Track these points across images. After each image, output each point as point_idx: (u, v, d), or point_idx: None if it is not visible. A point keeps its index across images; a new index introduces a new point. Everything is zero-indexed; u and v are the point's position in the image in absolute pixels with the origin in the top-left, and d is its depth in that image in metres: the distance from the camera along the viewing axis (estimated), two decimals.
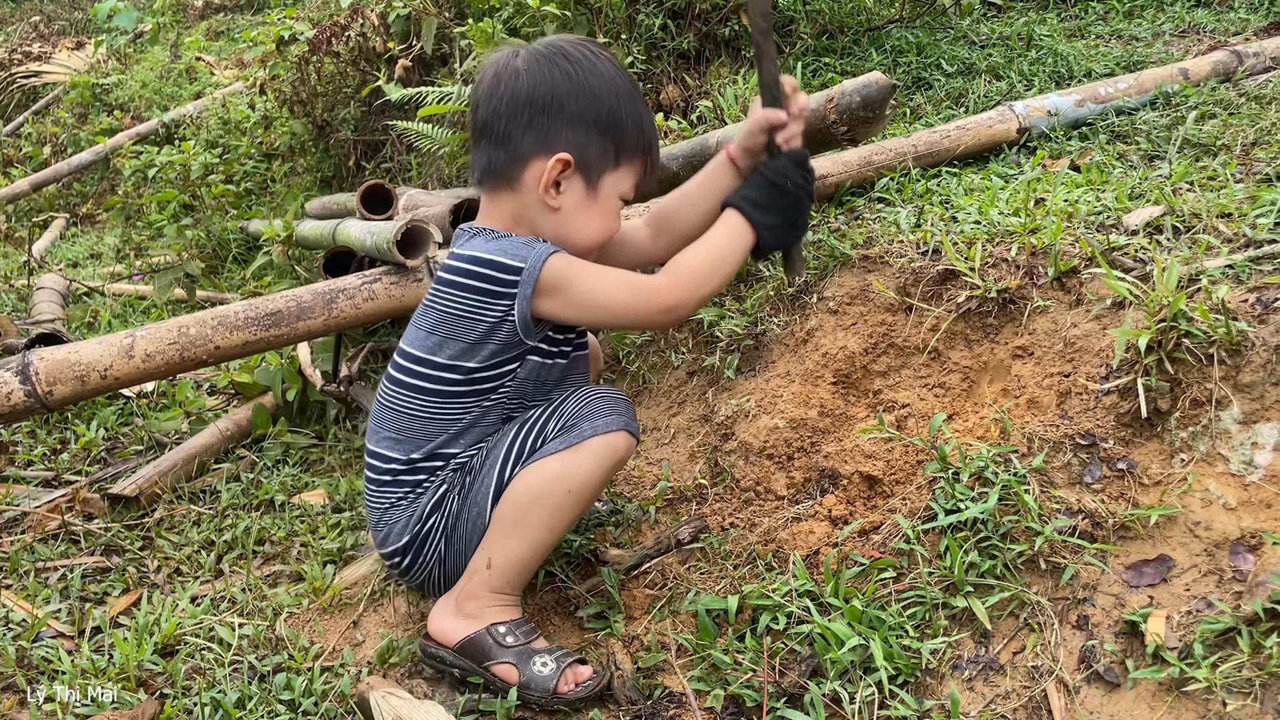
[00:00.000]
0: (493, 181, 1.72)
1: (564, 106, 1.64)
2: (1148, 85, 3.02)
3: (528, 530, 1.66)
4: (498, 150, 1.69)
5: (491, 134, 1.69)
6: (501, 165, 1.69)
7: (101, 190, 7.60)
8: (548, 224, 1.70)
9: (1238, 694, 1.27)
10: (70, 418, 3.14)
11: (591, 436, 1.63)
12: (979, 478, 1.64)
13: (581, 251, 1.73)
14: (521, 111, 1.65)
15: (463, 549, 1.72)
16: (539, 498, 1.64)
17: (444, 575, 1.77)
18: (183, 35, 9.38)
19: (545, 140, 1.65)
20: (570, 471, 1.63)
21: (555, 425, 1.66)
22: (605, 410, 1.66)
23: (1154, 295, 1.61)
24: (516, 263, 1.60)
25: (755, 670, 1.56)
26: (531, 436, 1.67)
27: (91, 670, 1.77)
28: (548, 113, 1.64)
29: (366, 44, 4.60)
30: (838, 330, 2.22)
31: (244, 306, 2.27)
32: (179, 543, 2.31)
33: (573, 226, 1.71)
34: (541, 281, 1.60)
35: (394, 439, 1.75)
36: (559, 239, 1.70)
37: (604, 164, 1.69)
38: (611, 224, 1.76)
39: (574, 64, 1.66)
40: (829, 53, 3.82)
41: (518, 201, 1.71)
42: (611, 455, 1.66)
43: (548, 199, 1.68)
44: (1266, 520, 1.42)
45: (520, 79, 1.66)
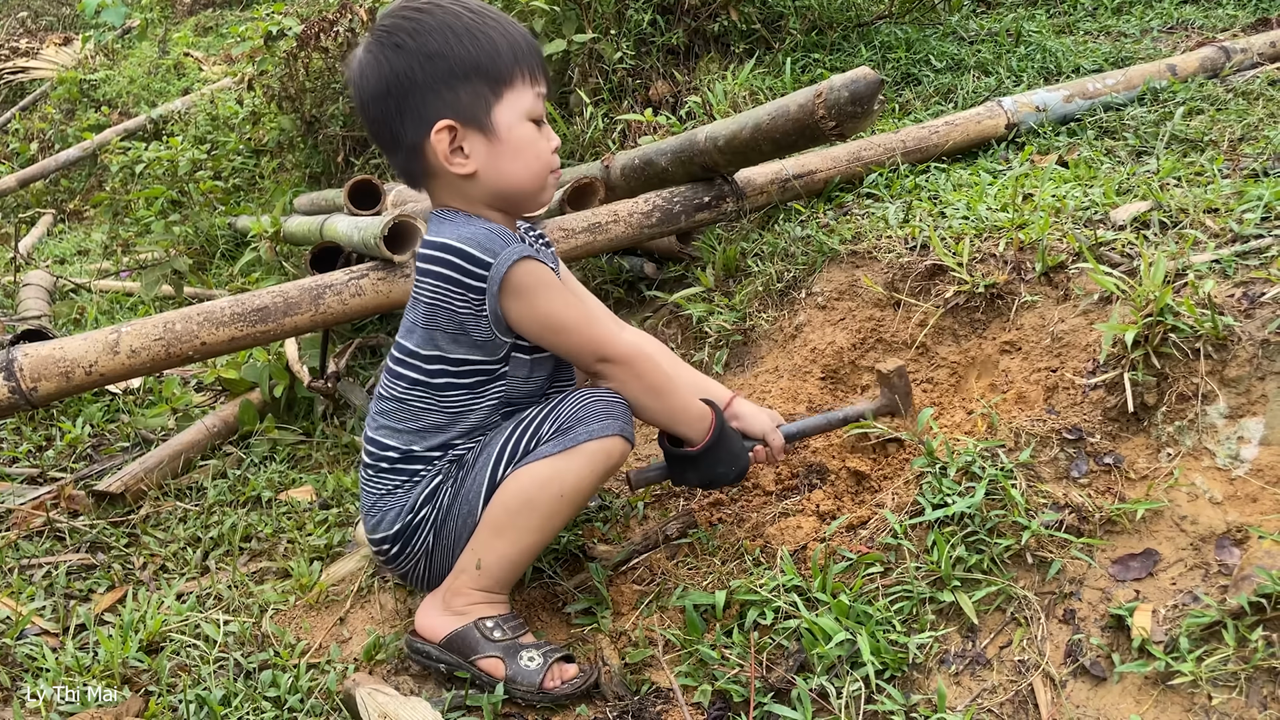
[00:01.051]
0: (419, 180, 1.70)
1: (414, 80, 1.58)
2: (1136, 81, 3.02)
3: (518, 533, 1.65)
4: (396, 152, 1.66)
5: (384, 140, 1.66)
6: (407, 163, 1.67)
7: (89, 186, 7.57)
8: (480, 187, 1.65)
9: (1223, 687, 1.27)
10: (56, 414, 3.12)
11: (586, 441, 1.62)
12: (966, 472, 1.64)
13: (530, 193, 1.69)
14: (386, 106, 1.61)
15: (450, 544, 1.71)
16: (530, 500, 1.63)
17: (429, 568, 1.76)
18: (171, 31, 9.34)
19: (420, 120, 1.60)
20: (563, 475, 1.62)
21: (550, 427, 1.65)
22: (601, 414, 1.64)
23: (1141, 290, 1.62)
24: (486, 258, 1.58)
25: (742, 665, 1.56)
26: (526, 436, 1.66)
27: (76, 668, 1.76)
28: (405, 94, 1.59)
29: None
30: (826, 325, 2.22)
31: (230, 302, 2.25)
32: (165, 540, 2.30)
33: (502, 176, 1.64)
34: (507, 284, 1.58)
35: (392, 428, 1.73)
36: (500, 195, 1.66)
37: (485, 104, 1.61)
38: (534, 150, 1.65)
39: (404, 34, 1.59)
40: (818, 49, 3.82)
41: (446, 183, 1.67)
42: (605, 460, 1.64)
43: (457, 169, 1.62)
44: (1252, 514, 1.42)
45: (368, 77, 1.62)
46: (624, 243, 2.63)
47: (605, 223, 2.57)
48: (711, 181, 2.66)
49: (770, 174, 2.66)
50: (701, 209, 2.64)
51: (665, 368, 1.74)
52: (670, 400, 1.71)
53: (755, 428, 1.85)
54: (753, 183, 2.66)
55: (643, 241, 2.70)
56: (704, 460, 1.74)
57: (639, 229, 2.61)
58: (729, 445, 1.76)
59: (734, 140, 2.44)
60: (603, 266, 3.05)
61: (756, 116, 2.38)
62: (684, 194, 2.65)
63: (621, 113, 3.57)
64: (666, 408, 1.72)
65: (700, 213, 2.64)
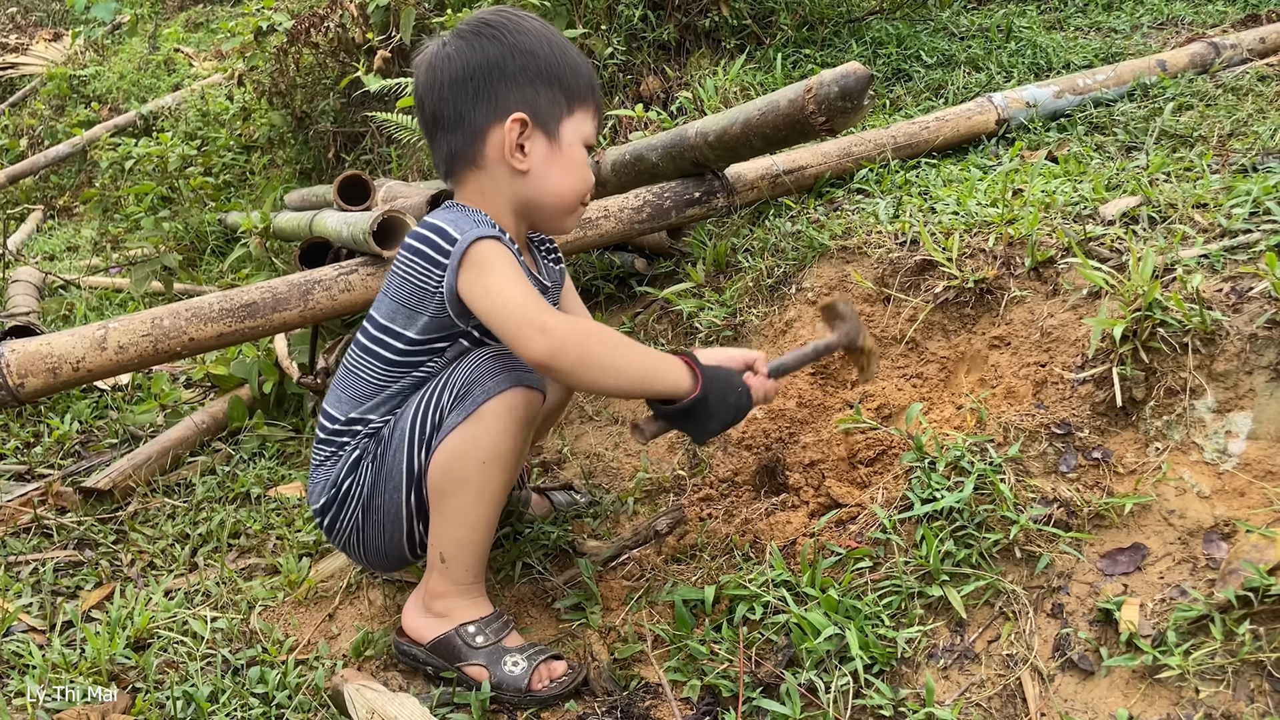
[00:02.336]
0: (459, 167, 1.70)
1: (503, 70, 1.63)
2: (1126, 77, 3.03)
3: (461, 512, 1.63)
4: (454, 134, 1.67)
5: (444, 121, 1.67)
6: (462, 147, 1.67)
7: (79, 183, 7.53)
8: (522, 189, 1.68)
9: (1210, 681, 1.28)
10: (44, 411, 3.11)
11: (485, 401, 1.57)
12: (955, 467, 1.64)
13: (563, 211, 1.72)
14: (464, 89, 1.64)
15: (380, 520, 1.70)
16: (456, 478, 1.60)
17: (363, 546, 1.75)
18: (161, 27, 9.30)
19: (496, 107, 1.63)
20: (476, 442, 1.58)
21: (449, 397, 1.61)
22: (495, 369, 1.59)
23: (1130, 285, 1.62)
24: (456, 233, 1.57)
25: (731, 660, 1.56)
26: (431, 412, 1.63)
27: (63, 664, 1.75)
28: (489, 80, 1.63)
29: (345, 35, 4.56)
30: (816, 321, 2.22)
31: (218, 298, 2.24)
32: (153, 536, 2.29)
33: (548, 185, 1.68)
34: (468, 256, 1.55)
35: (339, 396, 1.74)
36: (534, 204, 1.69)
37: (558, 112, 1.67)
38: (582, 173, 1.72)
39: (499, 29, 1.65)
40: (809, 44, 3.81)
41: (486, 177, 1.68)
42: (513, 415, 1.59)
43: (515, 163, 1.65)
44: (1240, 508, 1.42)
45: (453, 60, 1.65)
46: (614, 238, 2.62)
47: (596, 218, 2.56)
48: (702, 177, 2.65)
49: (761, 169, 2.66)
50: (692, 204, 2.64)
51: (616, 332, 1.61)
52: (637, 357, 1.56)
53: (734, 360, 1.70)
54: (743, 178, 2.65)
55: (633, 237, 2.70)
56: (709, 402, 1.58)
57: (629, 224, 2.60)
58: (719, 376, 1.61)
59: (724, 136, 2.43)
60: (593, 262, 3.05)
61: (747, 112, 2.38)
62: (675, 189, 2.64)
63: (612, 108, 3.56)
64: (640, 363, 1.55)
65: (691, 208, 2.64)
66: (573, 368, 1.49)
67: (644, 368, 1.56)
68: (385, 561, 1.78)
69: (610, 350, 1.53)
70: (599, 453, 2.40)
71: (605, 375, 1.53)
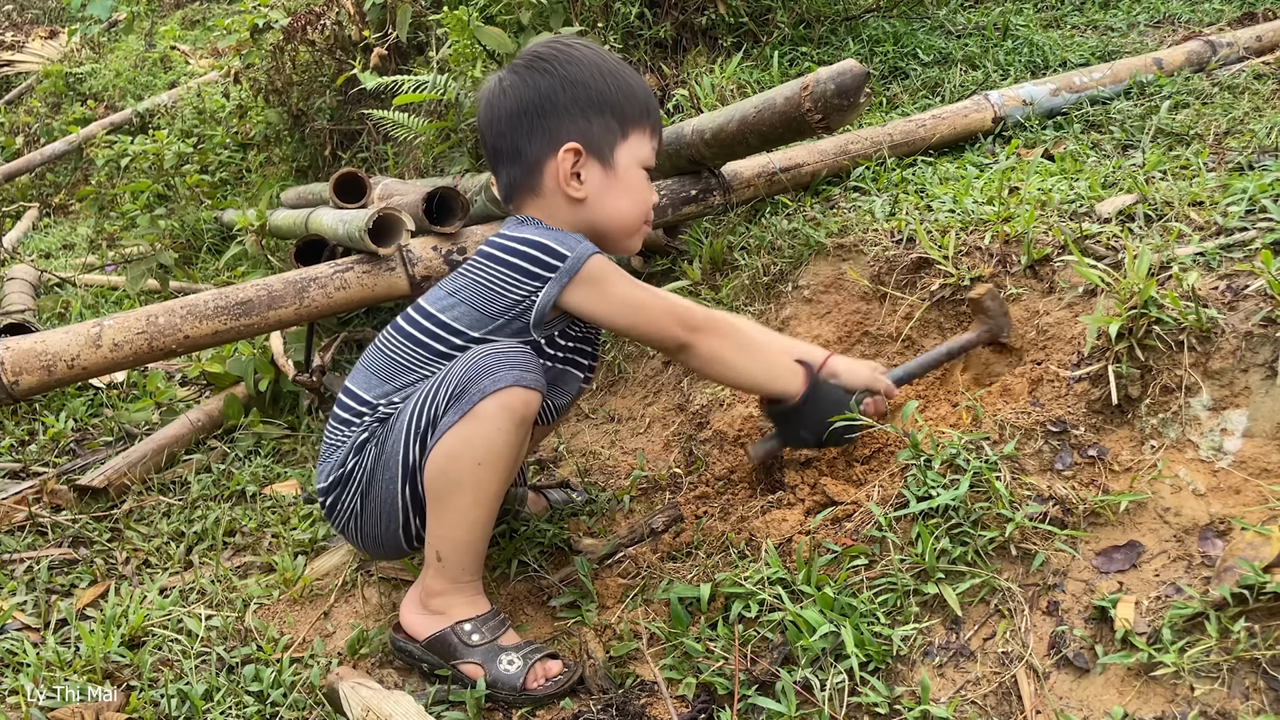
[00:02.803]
0: (519, 195, 1.76)
1: (555, 102, 1.70)
2: (1122, 75, 3.03)
3: (457, 513, 1.62)
4: (513, 166, 1.74)
5: (503, 154, 1.75)
6: (520, 177, 1.74)
7: (74, 180, 7.52)
8: (583, 214, 1.73)
9: (1205, 678, 1.28)
10: (39, 409, 3.11)
11: (480, 400, 1.56)
12: (951, 465, 1.64)
13: (626, 233, 1.78)
14: (520, 122, 1.71)
15: (376, 508, 1.69)
16: (452, 479, 1.60)
17: (360, 532, 1.75)
18: (157, 24, 9.28)
19: (550, 139, 1.70)
20: (470, 443, 1.58)
21: (445, 394, 1.61)
22: (492, 368, 1.58)
23: (1125, 283, 1.62)
24: (564, 250, 1.63)
25: (727, 658, 1.56)
26: (428, 408, 1.62)
27: (57, 663, 1.75)
28: (543, 114, 1.70)
29: (342, 32, 4.55)
30: (812, 319, 2.22)
31: (214, 295, 2.24)
32: (148, 534, 2.29)
33: (606, 209, 1.74)
34: (582, 272, 1.63)
35: (369, 377, 1.74)
36: (597, 228, 1.74)
37: (612, 139, 1.72)
38: (643, 194, 1.78)
39: (550, 61, 1.71)
40: (806, 42, 3.81)
41: (546, 204, 1.74)
42: (509, 415, 1.58)
43: (571, 191, 1.71)
44: (1235, 506, 1.42)
45: (508, 95, 1.72)
46: None
47: None
48: (698, 175, 2.65)
49: (757, 167, 2.66)
50: (688, 202, 2.63)
51: (750, 328, 1.79)
52: (762, 356, 1.73)
53: (856, 380, 1.82)
54: (739, 176, 2.65)
55: None
56: (805, 412, 1.74)
57: None
58: (828, 396, 1.75)
59: (721, 133, 2.43)
60: None
61: (743, 109, 2.38)
62: (671, 187, 2.64)
63: None
64: (760, 364, 1.73)
65: (687, 206, 2.64)
66: (706, 361, 1.70)
67: (762, 370, 1.74)
68: (382, 550, 1.78)
69: (738, 352, 1.72)
70: (595, 450, 2.40)
71: (738, 357, 1.72)
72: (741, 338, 1.73)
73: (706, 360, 1.70)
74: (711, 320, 1.70)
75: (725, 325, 1.72)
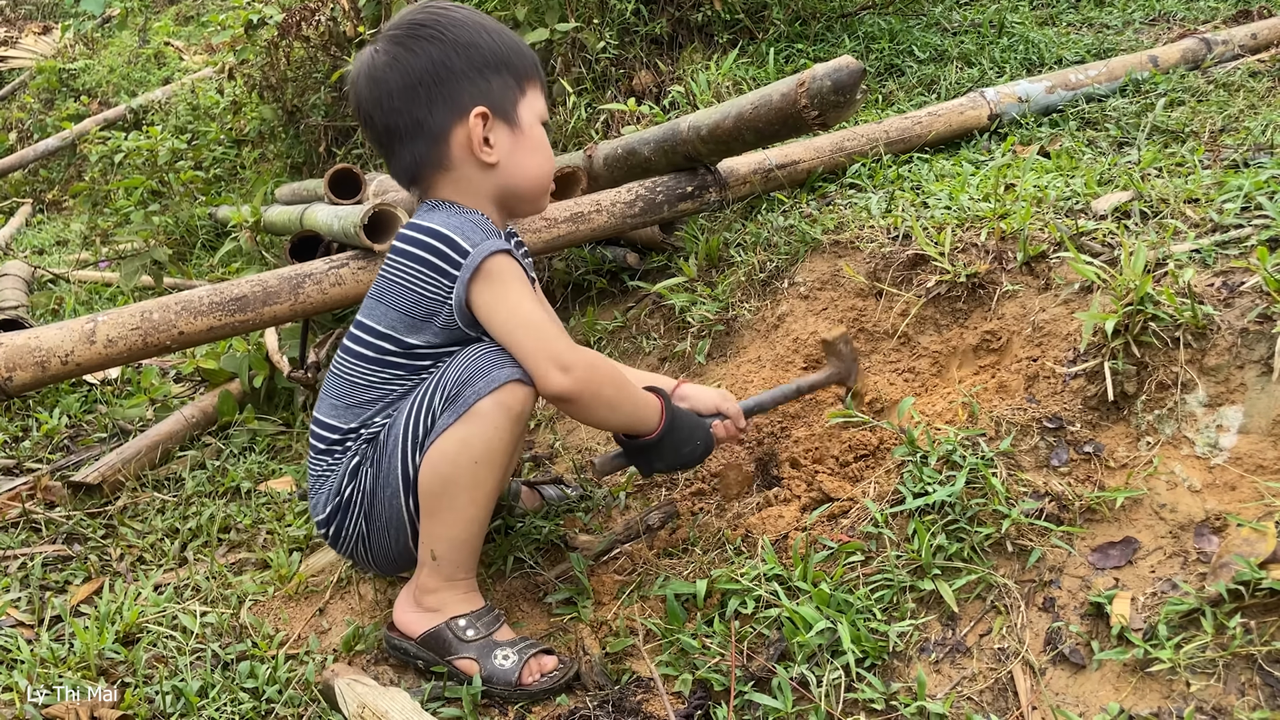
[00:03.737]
0: (426, 173, 1.69)
1: (451, 68, 1.63)
2: (1118, 72, 3.03)
3: (452, 513, 1.61)
4: (415, 142, 1.66)
5: (400, 131, 1.66)
6: (425, 152, 1.66)
7: (68, 176, 7.49)
8: (495, 183, 1.68)
9: (1201, 674, 1.28)
10: (32, 405, 3.10)
11: (477, 401, 1.55)
12: (947, 461, 1.64)
13: (540, 191, 1.74)
14: (415, 95, 1.63)
15: (383, 527, 1.68)
16: (449, 479, 1.58)
17: (370, 553, 1.73)
18: (151, 20, 9.25)
19: (453, 106, 1.63)
20: (469, 443, 1.57)
21: (440, 397, 1.59)
22: (487, 367, 1.57)
23: (1121, 279, 1.62)
24: (467, 245, 1.57)
25: (723, 654, 1.55)
26: (423, 415, 1.60)
27: (51, 660, 1.74)
28: (439, 81, 1.62)
29: (336, 28, 4.54)
30: (808, 315, 2.22)
31: (208, 291, 2.23)
32: (142, 530, 2.28)
33: (519, 171, 1.69)
34: (482, 268, 1.57)
35: (335, 406, 1.71)
36: (511, 190, 1.70)
37: (513, 97, 1.68)
38: (546, 150, 1.74)
39: (433, 27, 1.64)
40: (802, 39, 3.81)
41: (456, 177, 1.68)
42: (506, 413, 1.57)
43: (483, 156, 1.65)
44: (1230, 502, 1.43)
45: (394, 69, 1.63)
46: (607, 232, 2.62)
47: (588, 212, 2.56)
48: (694, 171, 2.65)
49: (753, 164, 2.65)
50: (684, 199, 2.63)
51: (616, 365, 1.74)
52: (631, 400, 1.66)
53: (704, 404, 1.82)
54: (736, 173, 2.65)
55: (625, 231, 2.69)
56: (664, 445, 1.70)
57: (622, 219, 2.60)
58: (684, 423, 1.73)
59: (717, 130, 2.43)
60: (585, 256, 3.04)
61: (739, 106, 2.38)
62: (667, 184, 2.64)
63: (605, 102, 3.56)
64: (629, 408, 1.66)
65: (683, 202, 2.63)
66: (584, 408, 1.61)
67: (634, 407, 1.67)
68: (395, 565, 1.77)
69: (616, 393, 1.63)
70: (591, 447, 2.40)
71: (605, 414, 1.64)
72: (613, 381, 1.63)
73: (589, 404, 1.60)
74: (589, 361, 1.60)
75: (600, 367, 1.63)
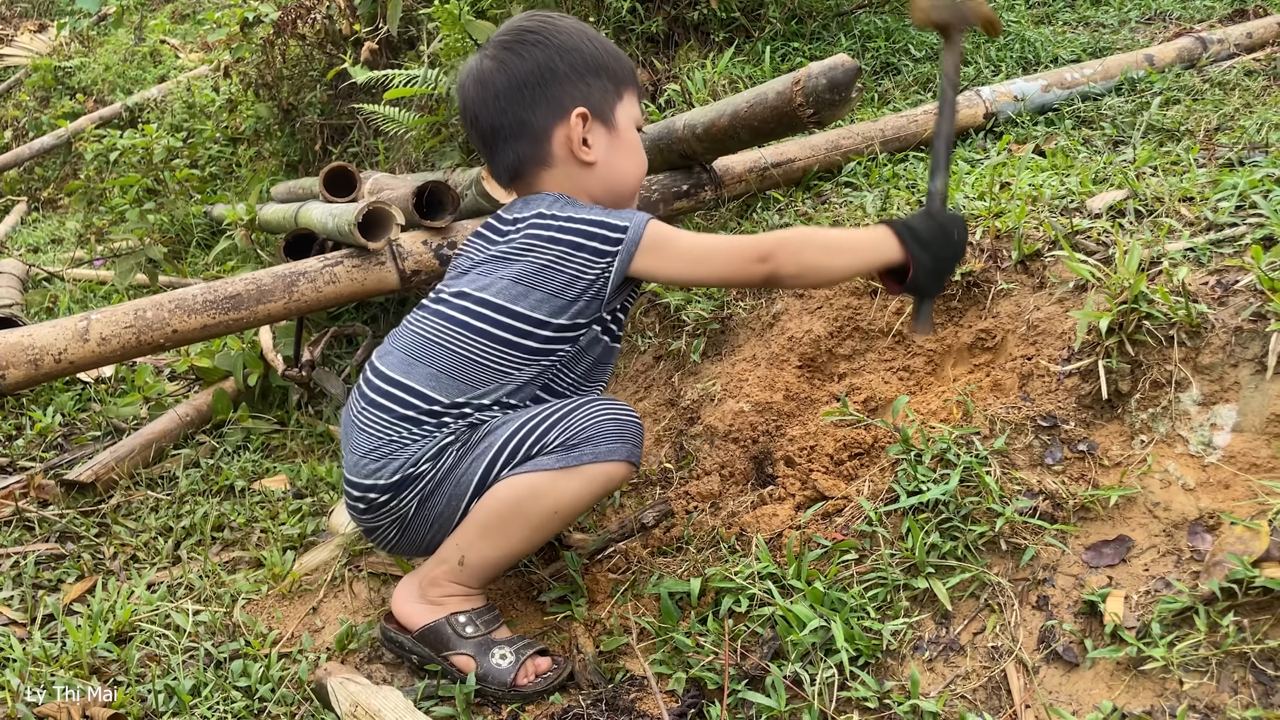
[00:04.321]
0: (528, 169, 1.75)
1: (554, 70, 1.70)
2: (1113, 71, 3.03)
3: (505, 539, 1.63)
4: (519, 141, 1.73)
5: (505, 130, 1.73)
6: (528, 151, 1.73)
7: (63, 175, 7.48)
8: (593, 181, 1.75)
9: (1194, 673, 1.28)
10: (26, 403, 3.09)
11: (592, 463, 1.61)
12: (941, 459, 1.64)
13: (632, 192, 1.82)
14: (521, 95, 1.71)
15: (429, 518, 1.66)
16: (522, 511, 1.60)
17: (402, 534, 1.70)
18: (147, 18, 9.23)
19: (556, 107, 1.71)
20: (559, 491, 1.60)
21: (557, 437, 1.60)
22: (612, 435, 1.63)
23: (1116, 278, 1.62)
24: (622, 222, 1.64)
25: (717, 653, 1.55)
26: (531, 439, 1.61)
27: (43, 658, 1.74)
28: (543, 83, 1.70)
29: (332, 26, 4.53)
30: (803, 314, 2.22)
31: (202, 289, 2.23)
32: (136, 529, 2.27)
33: (615, 171, 1.76)
34: (645, 239, 1.63)
35: (436, 376, 1.65)
36: (608, 190, 1.76)
37: (611, 100, 1.75)
38: (641, 154, 1.81)
39: (538, 33, 1.72)
40: (798, 38, 3.81)
41: (559, 174, 1.74)
42: (605, 484, 1.65)
43: (582, 155, 1.72)
44: (1224, 501, 1.42)
45: (501, 72, 1.71)
46: None
47: None
48: (690, 170, 2.65)
49: (749, 162, 2.65)
50: (680, 197, 2.63)
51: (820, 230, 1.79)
52: (849, 242, 1.65)
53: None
54: (731, 171, 2.65)
55: None
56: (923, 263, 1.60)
57: None
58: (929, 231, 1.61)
59: (712, 128, 2.43)
60: None
61: (735, 104, 2.37)
62: (662, 182, 2.63)
63: None
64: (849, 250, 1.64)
65: (678, 201, 2.63)
66: (795, 277, 1.65)
67: (854, 256, 1.65)
68: (413, 551, 1.76)
69: (823, 254, 1.65)
70: None
71: (823, 275, 1.68)
72: (819, 239, 1.67)
73: (799, 275, 1.64)
74: (783, 240, 1.63)
75: (799, 238, 1.66)
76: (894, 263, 1.62)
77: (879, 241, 1.63)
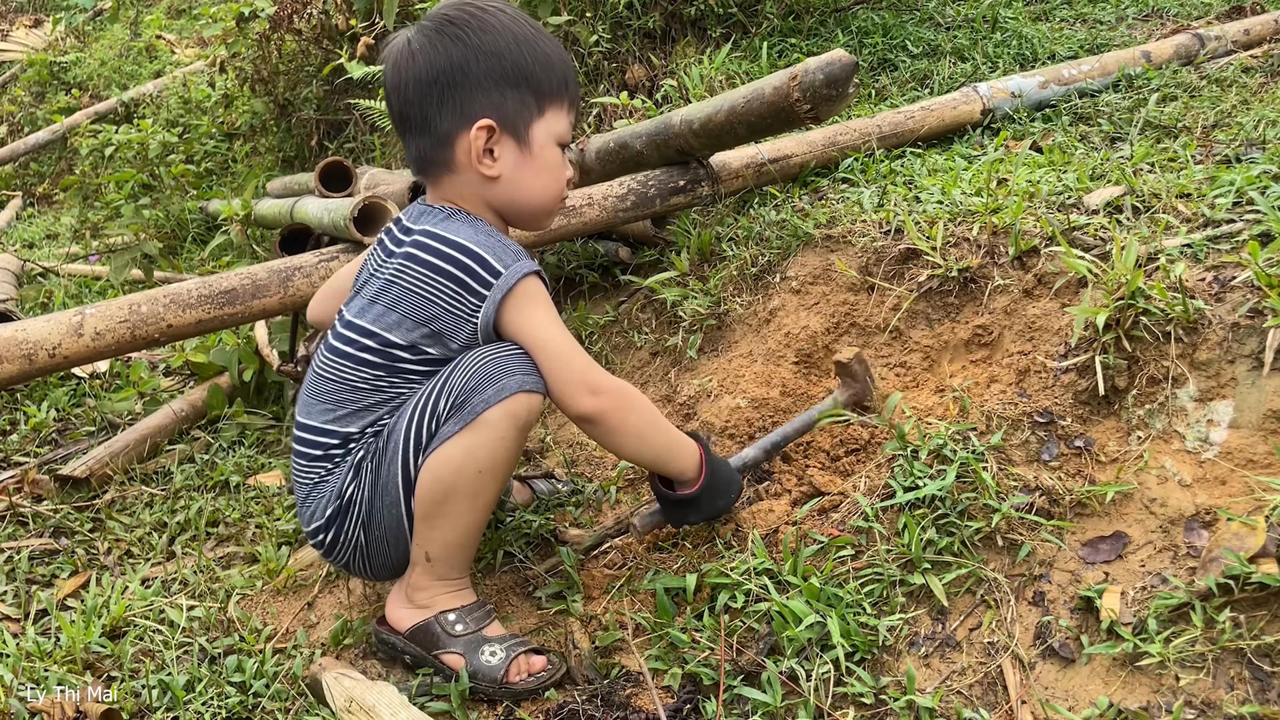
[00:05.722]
0: (431, 169, 1.67)
1: (467, 74, 1.59)
2: (1110, 68, 3.03)
3: (453, 519, 1.59)
4: (423, 138, 1.64)
5: (411, 123, 1.64)
6: (431, 151, 1.64)
7: (59, 170, 7.46)
8: (496, 193, 1.65)
9: (1190, 668, 1.28)
10: (20, 398, 3.08)
11: (485, 410, 1.52)
12: (938, 455, 1.63)
13: (541, 213, 1.71)
14: (429, 92, 1.60)
15: (382, 534, 1.64)
16: (451, 488, 1.56)
17: (368, 563, 1.69)
18: (142, 13, 9.21)
19: (462, 113, 1.60)
20: (473, 453, 1.54)
21: (445, 403, 1.55)
22: (495, 375, 1.53)
23: (1113, 274, 1.61)
24: (499, 265, 1.56)
25: (713, 649, 1.55)
26: (427, 418, 1.56)
27: (37, 653, 1.73)
28: (454, 85, 1.59)
29: (328, 21, 4.53)
30: (800, 310, 2.21)
31: (197, 284, 2.22)
32: (130, 524, 2.27)
33: (521, 189, 1.66)
34: (516, 293, 1.56)
35: (332, 411, 1.65)
36: (513, 206, 1.67)
37: (528, 115, 1.63)
38: (559, 173, 1.69)
39: (463, 28, 1.60)
40: (795, 33, 3.80)
41: (460, 181, 1.65)
42: (514, 422, 1.54)
43: (483, 169, 1.62)
44: (1221, 496, 1.42)
45: (416, 60, 1.60)
46: (598, 226, 2.61)
47: (580, 206, 2.55)
48: (687, 165, 2.64)
49: (745, 158, 2.64)
50: (676, 193, 2.62)
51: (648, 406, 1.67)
52: (664, 434, 1.66)
53: None
54: (728, 167, 2.64)
55: (617, 225, 2.68)
56: (704, 498, 1.69)
57: (613, 212, 2.59)
58: (722, 473, 1.74)
59: (709, 123, 2.42)
60: (577, 250, 3.03)
61: (732, 99, 2.37)
62: (659, 178, 2.63)
63: (597, 96, 3.55)
64: (663, 443, 1.65)
65: (675, 196, 2.62)
66: (609, 432, 1.60)
67: (667, 443, 1.67)
68: (393, 572, 1.72)
69: (646, 424, 1.63)
70: (581, 441, 2.39)
71: (632, 444, 1.63)
72: (650, 413, 1.64)
73: (612, 429, 1.59)
74: (623, 391, 1.60)
75: (636, 400, 1.62)
76: (686, 475, 1.69)
77: (690, 450, 1.69)
